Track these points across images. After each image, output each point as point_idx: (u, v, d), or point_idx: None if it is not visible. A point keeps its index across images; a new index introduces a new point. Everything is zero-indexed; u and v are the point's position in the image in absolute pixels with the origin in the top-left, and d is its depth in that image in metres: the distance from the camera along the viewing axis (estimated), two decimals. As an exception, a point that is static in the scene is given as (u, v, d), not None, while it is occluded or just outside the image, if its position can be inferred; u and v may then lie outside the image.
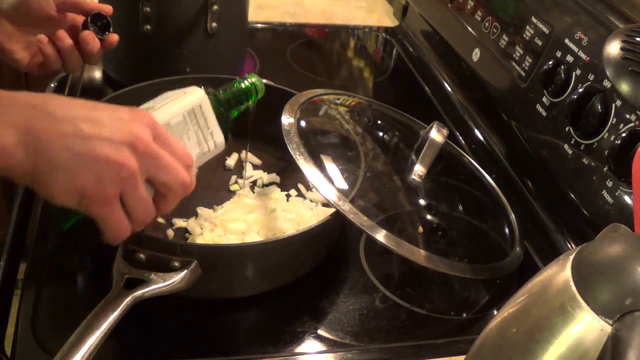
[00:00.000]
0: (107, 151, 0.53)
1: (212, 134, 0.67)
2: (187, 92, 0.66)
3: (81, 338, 0.54)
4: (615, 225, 0.58)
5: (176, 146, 0.59)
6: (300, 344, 0.68)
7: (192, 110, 0.65)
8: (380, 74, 1.28)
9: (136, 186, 0.55)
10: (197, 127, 0.66)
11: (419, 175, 0.79)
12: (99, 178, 0.53)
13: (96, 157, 0.53)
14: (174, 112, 0.64)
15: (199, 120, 0.66)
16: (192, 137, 0.66)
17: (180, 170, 0.58)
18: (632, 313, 0.39)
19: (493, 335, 0.48)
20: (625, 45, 0.73)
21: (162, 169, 0.57)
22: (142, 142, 0.55)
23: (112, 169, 0.54)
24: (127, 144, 0.54)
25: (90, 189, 0.54)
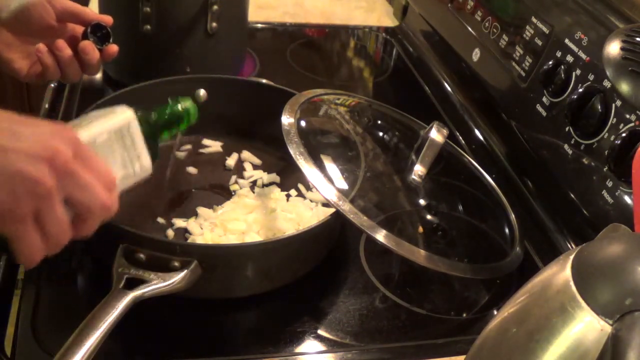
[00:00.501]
0: (23, 166, 0.51)
1: (139, 156, 0.64)
2: (116, 112, 0.64)
3: (81, 338, 0.54)
4: (615, 225, 0.58)
5: (98, 165, 0.55)
6: (300, 344, 0.68)
7: (120, 130, 0.62)
8: (380, 74, 1.28)
9: (52, 205, 0.52)
10: (123, 149, 0.63)
11: (419, 175, 0.79)
12: (12, 193, 0.51)
13: (11, 172, 0.51)
14: (100, 130, 0.61)
15: (126, 141, 0.63)
16: (117, 159, 0.62)
17: (100, 191, 0.55)
18: (632, 313, 0.39)
19: (493, 335, 0.48)
20: (625, 45, 0.73)
21: (81, 189, 0.54)
22: (61, 159, 0.52)
23: (27, 185, 0.51)
24: (46, 159, 0.51)
25: (2, 204, 0.51)
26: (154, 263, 0.64)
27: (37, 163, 0.51)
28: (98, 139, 0.60)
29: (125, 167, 0.63)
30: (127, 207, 0.79)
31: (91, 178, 0.54)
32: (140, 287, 0.61)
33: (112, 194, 0.56)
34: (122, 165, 0.63)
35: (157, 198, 0.82)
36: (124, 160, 0.63)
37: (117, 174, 0.62)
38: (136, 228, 0.66)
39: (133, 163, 0.64)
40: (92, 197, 0.54)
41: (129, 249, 0.64)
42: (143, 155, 0.64)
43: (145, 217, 0.79)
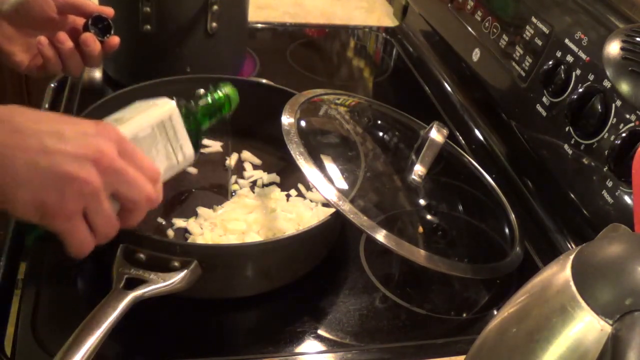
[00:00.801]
0: (70, 167, 0.53)
1: (181, 146, 0.66)
2: (157, 104, 0.65)
3: (81, 338, 0.54)
4: (615, 225, 0.58)
5: (142, 160, 0.58)
6: (300, 344, 0.68)
7: (162, 123, 0.64)
8: (380, 74, 1.28)
9: (99, 202, 0.55)
10: (166, 140, 0.64)
11: (419, 175, 0.79)
12: (61, 194, 0.53)
13: (59, 173, 0.53)
14: (142, 124, 0.62)
15: (169, 133, 0.64)
16: (160, 150, 0.64)
17: (145, 185, 0.57)
18: (632, 313, 0.39)
19: (493, 335, 0.48)
20: (625, 45, 0.73)
21: (126, 184, 0.56)
22: (106, 158, 0.54)
23: (75, 185, 0.53)
24: (91, 159, 0.54)
25: (52, 204, 0.53)
26: (154, 263, 0.64)
27: (83, 163, 0.54)
28: (140, 133, 0.62)
29: (169, 158, 0.65)
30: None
31: (136, 173, 0.57)
32: (140, 287, 0.61)
33: (157, 185, 0.59)
34: (166, 156, 0.65)
35: (157, 198, 0.82)
36: (167, 151, 0.65)
37: (161, 165, 0.64)
38: (136, 228, 0.65)
39: (176, 153, 0.66)
40: (137, 192, 0.57)
41: (129, 249, 0.64)
42: (186, 145, 0.66)
43: (145, 217, 0.78)
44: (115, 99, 0.81)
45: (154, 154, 0.63)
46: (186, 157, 0.67)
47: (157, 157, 0.64)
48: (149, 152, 0.63)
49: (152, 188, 0.58)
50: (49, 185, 0.53)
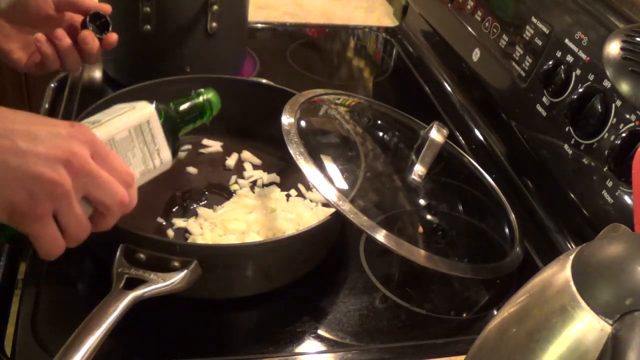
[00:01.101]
0: (40, 168, 0.52)
1: (158, 151, 0.65)
2: (136, 107, 0.64)
3: (81, 338, 0.54)
4: (615, 225, 0.58)
5: (116, 163, 0.57)
6: (300, 344, 0.68)
7: (139, 126, 0.63)
8: (380, 74, 1.28)
9: (69, 204, 0.54)
10: (143, 144, 0.64)
11: (419, 175, 0.79)
12: (30, 195, 0.52)
13: (29, 173, 0.52)
14: (119, 127, 0.62)
15: (146, 137, 0.64)
16: (137, 154, 0.63)
17: (118, 188, 0.57)
18: (632, 313, 0.39)
19: (493, 335, 0.48)
20: (625, 45, 0.73)
21: (98, 188, 0.55)
22: (78, 160, 0.54)
23: (45, 187, 0.53)
24: (63, 161, 0.53)
25: (21, 205, 0.53)
26: (154, 263, 0.64)
27: (54, 165, 0.53)
28: (117, 136, 0.61)
29: (145, 162, 0.64)
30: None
31: (109, 177, 0.56)
32: (140, 287, 0.61)
33: (131, 190, 0.58)
34: (142, 160, 0.64)
35: (157, 198, 0.82)
36: (144, 155, 0.64)
37: (137, 169, 0.63)
38: (136, 228, 0.66)
39: (153, 158, 0.65)
40: (110, 195, 0.56)
41: (129, 249, 0.64)
42: (163, 150, 0.65)
43: (145, 217, 0.79)
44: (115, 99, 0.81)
45: (130, 157, 0.63)
46: (163, 161, 0.66)
47: (133, 160, 0.63)
48: (125, 155, 0.62)
49: (125, 192, 0.57)
50: (18, 185, 0.52)
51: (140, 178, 0.64)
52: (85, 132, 0.56)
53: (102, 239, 0.72)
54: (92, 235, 0.65)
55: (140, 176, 0.64)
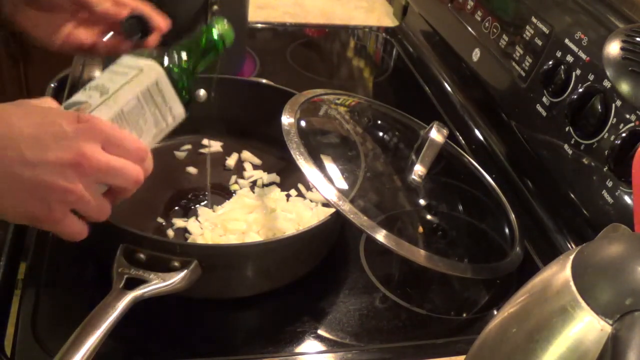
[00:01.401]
0: (51, 178, 0.53)
1: (170, 109, 0.63)
2: (143, 70, 0.62)
3: (81, 338, 0.54)
4: (615, 225, 0.58)
5: (129, 144, 0.57)
6: (300, 344, 0.68)
7: (148, 91, 0.61)
8: (380, 74, 1.28)
9: (85, 203, 0.56)
10: (154, 107, 0.62)
11: (419, 175, 0.79)
12: (45, 203, 0.54)
13: (41, 184, 0.53)
14: (127, 97, 0.60)
15: (156, 99, 0.61)
16: (148, 119, 0.61)
17: (132, 172, 0.57)
18: (632, 313, 0.39)
19: (493, 335, 0.48)
20: (625, 45, 0.73)
21: (113, 177, 0.57)
22: (88, 161, 0.54)
23: (58, 195, 0.54)
24: (73, 165, 0.54)
25: (37, 213, 0.55)
26: (154, 263, 0.64)
27: (65, 172, 0.54)
28: (125, 107, 0.60)
29: (158, 124, 0.63)
30: (127, 207, 0.80)
31: (122, 163, 0.57)
32: (140, 287, 0.61)
33: (145, 163, 0.59)
34: (154, 123, 0.62)
35: (157, 198, 0.82)
36: (155, 118, 0.62)
37: (149, 134, 0.62)
38: (136, 228, 0.66)
39: (165, 117, 0.63)
40: (124, 179, 0.58)
41: (129, 249, 0.64)
42: (175, 106, 0.63)
43: (145, 217, 0.79)
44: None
45: (142, 124, 0.61)
46: (176, 117, 0.64)
47: (145, 126, 0.61)
48: (136, 124, 0.60)
49: (139, 170, 0.58)
50: (32, 195, 0.54)
51: (154, 140, 0.63)
52: (93, 125, 0.55)
53: (102, 239, 0.72)
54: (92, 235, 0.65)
55: (153, 139, 0.63)
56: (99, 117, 0.57)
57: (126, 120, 0.60)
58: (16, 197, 0.54)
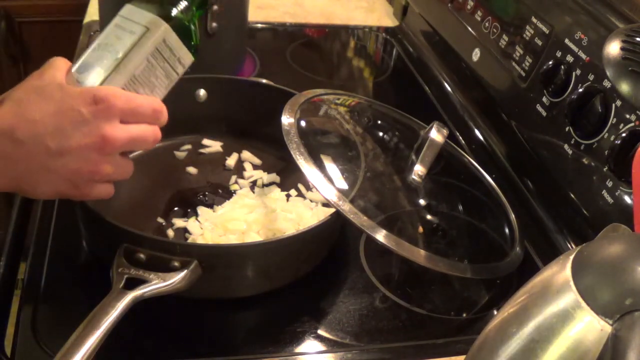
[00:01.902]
0: (77, 164, 0.58)
1: (179, 59, 0.65)
2: (149, 28, 0.63)
3: (81, 338, 0.54)
4: (615, 225, 0.58)
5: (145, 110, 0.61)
6: (300, 344, 0.68)
7: (156, 50, 0.63)
8: (380, 74, 1.28)
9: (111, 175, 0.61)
10: (163, 62, 0.64)
11: (419, 175, 0.79)
12: (74, 185, 0.59)
13: (69, 171, 0.58)
14: (136, 61, 0.62)
15: (165, 54, 0.64)
16: (159, 74, 0.64)
17: (151, 134, 0.62)
18: (632, 313, 0.39)
19: (493, 335, 0.48)
20: (625, 45, 0.73)
21: (134, 145, 0.61)
22: (111, 142, 0.58)
23: (85, 177, 0.59)
24: (97, 149, 0.58)
25: (67, 192, 0.60)
26: (154, 263, 0.64)
27: (89, 156, 0.58)
28: (137, 71, 0.62)
29: (169, 75, 0.65)
30: (127, 207, 0.80)
31: (142, 130, 0.61)
32: (140, 287, 0.61)
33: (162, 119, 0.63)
34: (166, 75, 0.65)
35: (157, 198, 0.82)
36: (166, 71, 0.65)
37: (162, 87, 0.65)
38: (136, 228, 0.66)
39: (175, 67, 0.65)
40: (145, 143, 0.62)
41: (129, 249, 0.64)
42: (183, 56, 0.66)
43: (145, 217, 0.79)
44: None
45: (154, 80, 0.64)
46: (185, 64, 0.66)
47: (157, 82, 0.64)
48: (148, 82, 0.63)
49: (156, 131, 0.63)
50: (61, 180, 0.58)
51: (166, 90, 0.66)
52: (109, 104, 0.58)
53: (102, 239, 0.72)
54: (92, 235, 0.65)
55: (166, 89, 0.65)
56: (113, 93, 0.59)
57: (139, 82, 0.62)
58: (47, 184, 0.59)
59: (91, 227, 0.73)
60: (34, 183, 0.59)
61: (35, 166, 0.57)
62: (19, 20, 1.79)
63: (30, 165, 0.57)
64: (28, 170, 0.57)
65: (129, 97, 0.60)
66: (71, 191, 0.60)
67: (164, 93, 0.66)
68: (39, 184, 0.59)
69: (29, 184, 0.59)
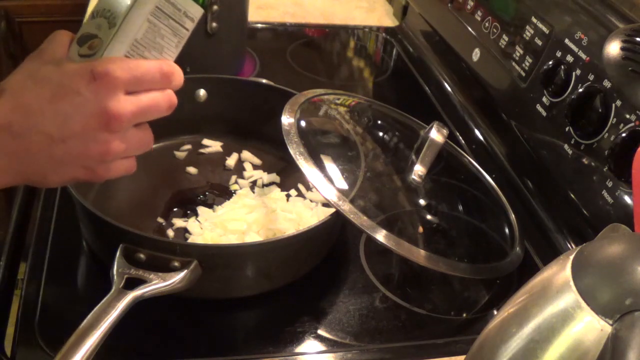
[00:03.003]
0: (85, 146, 0.54)
1: (185, 13, 0.60)
2: None
3: (81, 338, 0.54)
4: (615, 225, 0.58)
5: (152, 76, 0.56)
6: (300, 344, 0.68)
7: (157, 8, 0.59)
8: (380, 74, 1.28)
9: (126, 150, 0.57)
10: (167, 19, 0.59)
11: (419, 175, 0.79)
12: (87, 168, 0.56)
13: (77, 155, 0.54)
14: (137, 24, 0.57)
15: (167, 11, 0.59)
16: (165, 33, 0.59)
17: (163, 100, 0.58)
18: (632, 313, 0.39)
19: (493, 335, 0.48)
20: (625, 45, 0.73)
21: (146, 115, 0.57)
22: (117, 117, 0.54)
23: (97, 158, 0.55)
24: (104, 127, 0.54)
25: (84, 177, 0.57)
26: (154, 263, 0.64)
27: (96, 136, 0.54)
28: (139, 35, 0.58)
29: (177, 33, 0.60)
30: (127, 207, 0.80)
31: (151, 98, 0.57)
32: (140, 287, 0.61)
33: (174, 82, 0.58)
34: (173, 33, 0.60)
35: (157, 198, 0.82)
36: (172, 28, 0.60)
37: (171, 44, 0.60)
38: (136, 228, 0.66)
39: (183, 23, 0.61)
40: (159, 111, 0.58)
41: (129, 249, 0.64)
42: (190, 9, 0.61)
43: (145, 217, 0.79)
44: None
45: (160, 41, 0.59)
46: (195, 19, 0.61)
47: (163, 41, 0.60)
48: (154, 43, 0.59)
49: (170, 95, 0.58)
50: (72, 166, 0.55)
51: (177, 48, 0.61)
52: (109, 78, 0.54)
53: (102, 239, 0.72)
54: (92, 235, 0.65)
55: (176, 47, 0.61)
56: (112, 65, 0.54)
57: (143, 46, 0.58)
58: (57, 173, 0.56)
59: (91, 227, 0.73)
60: (43, 174, 0.56)
61: (41, 157, 0.54)
62: (19, 20, 1.79)
63: (36, 158, 0.54)
64: (34, 162, 0.54)
65: (131, 66, 0.55)
66: (86, 175, 0.57)
67: (176, 52, 0.61)
68: (48, 173, 0.56)
69: (37, 175, 0.56)
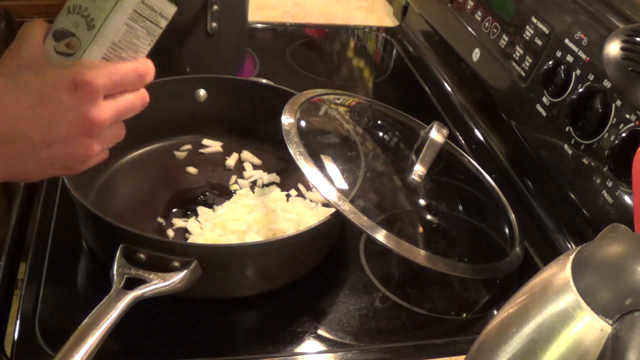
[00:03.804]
0: (67, 150, 0.57)
1: (161, 13, 0.62)
2: None
3: (81, 338, 0.54)
4: (615, 225, 0.58)
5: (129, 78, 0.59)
6: (300, 344, 0.68)
7: (134, 12, 0.60)
8: (380, 74, 1.28)
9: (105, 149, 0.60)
10: (144, 21, 0.61)
11: (419, 175, 0.79)
12: (68, 167, 0.59)
13: (60, 158, 0.57)
14: (114, 27, 0.58)
15: (144, 14, 0.61)
16: (141, 34, 0.61)
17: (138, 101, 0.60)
18: (632, 313, 0.39)
19: (493, 335, 0.48)
20: (625, 45, 0.73)
21: (123, 116, 0.60)
22: (98, 124, 0.56)
23: (79, 159, 0.58)
24: (85, 133, 0.56)
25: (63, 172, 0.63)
26: (154, 263, 0.64)
27: (78, 141, 0.57)
28: (117, 38, 0.59)
29: (152, 32, 0.62)
30: (127, 207, 0.80)
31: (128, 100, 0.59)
32: (140, 287, 0.61)
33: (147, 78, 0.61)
34: (148, 33, 0.62)
35: (157, 198, 0.82)
36: (148, 29, 0.62)
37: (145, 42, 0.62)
38: (136, 228, 0.66)
39: (158, 23, 0.62)
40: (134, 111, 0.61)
41: (129, 249, 0.64)
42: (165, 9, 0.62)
43: (145, 217, 0.79)
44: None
45: (136, 41, 0.61)
46: (169, 17, 0.63)
47: (139, 41, 0.61)
48: (131, 45, 0.61)
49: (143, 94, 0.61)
50: (55, 166, 0.58)
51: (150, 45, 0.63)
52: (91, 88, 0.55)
53: (102, 239, 0.72)
54: (92, 235, 0.65)
55: (149, 45, 0.63)
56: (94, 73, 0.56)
57: (120, 48, 0.60)
58: (41, 172, 0.59)
59: (91, 227, 0.73)
60: (27, 173, 0.58)
61: (27, 160, 0.56)
62: (19, 20, 1.79)
63: (21, 160, 0.56)
64: (20, 164, 0.56)
65: (111, 71, 0.57)
66: (68, 172, 0.62)
67: (148, 49, 0.63)
68: (32, 173, 0.58)
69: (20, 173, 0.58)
